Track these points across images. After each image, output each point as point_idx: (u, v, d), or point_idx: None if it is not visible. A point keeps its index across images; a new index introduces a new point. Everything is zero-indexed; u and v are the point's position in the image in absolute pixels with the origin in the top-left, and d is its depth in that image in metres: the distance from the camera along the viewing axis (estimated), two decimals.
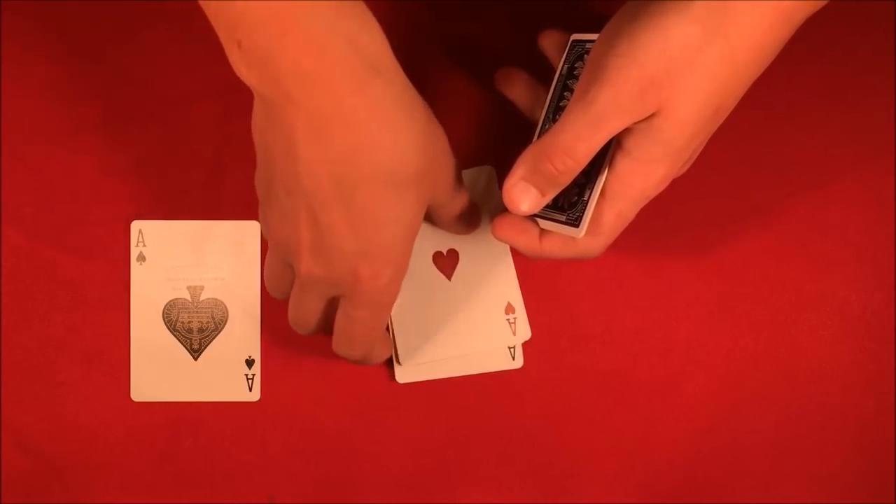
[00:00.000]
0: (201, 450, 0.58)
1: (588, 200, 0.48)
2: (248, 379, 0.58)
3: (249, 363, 0.58)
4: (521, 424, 0.58)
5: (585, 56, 0.50)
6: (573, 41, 0.51)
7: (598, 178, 0.47)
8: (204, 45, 0.56)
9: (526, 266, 0.58)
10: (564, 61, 0.51)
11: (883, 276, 0.58)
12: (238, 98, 0.46)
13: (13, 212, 0.57)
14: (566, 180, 0.47)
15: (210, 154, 0.58)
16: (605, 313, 0.58)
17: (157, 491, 0.58)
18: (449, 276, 0.57)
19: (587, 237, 0.48)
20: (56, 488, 0.58)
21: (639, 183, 0.47)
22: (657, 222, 0.56)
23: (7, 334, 0.57)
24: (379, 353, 0.55)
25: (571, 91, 0.50)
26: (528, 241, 0.50)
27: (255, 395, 0.58)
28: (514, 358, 0.58)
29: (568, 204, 0.49)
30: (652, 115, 0.44)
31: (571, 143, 0.45)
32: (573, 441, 0.58)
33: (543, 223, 0.50)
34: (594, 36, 0.48)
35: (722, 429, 0.58)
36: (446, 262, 0.57)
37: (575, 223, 0.48)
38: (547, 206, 0.49)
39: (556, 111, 0.51)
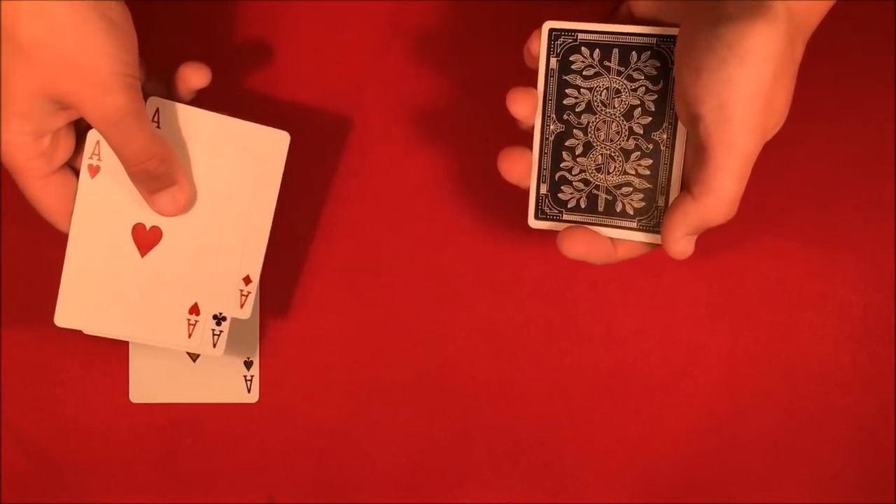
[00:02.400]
0: (201, 450, 0.58)
1: (667, 207, 0.48)
2: (246, 380, 0.58)
3: (248, 365, 0.58)
4: (521, 424, 0.58)
5: (579, 47, 0.49)
6: (552, 30, 0.50)
7: (673, 184, 0.47)
8: (204, 45, 0.56)
9: (526, 266, 0.58)
10: (550, 54, 0.50)
11: (883, 276, 0.58)
12: (238, 98, 0.46)
13: (13, 212, 0.57)
14: None
15: None
16: (605, 313, 0.58)
17: (157, 491, 0.58)
18: (143, 253, 0.51)
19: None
20: (56, 488, 0.58)
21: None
22: None
23: (7, 334, 0.57)
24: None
25: (574, 87, 0.50)
26: (604, 252, 0.49)
27: (253, 397, 0.58)
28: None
29: (634, 210, 0.48)
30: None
31: (736, 190, 0.45)
32: (573, 441, 0.58)
33: (602, 229, 0.49)
34: (576, 24, 0.48)
35: (722, 429, 0.58)
36: (146, 238, 0.51)
37: (658, 230, 0.48)
38: (603, 215, 0.49)
39: (561, 111, 0.50)
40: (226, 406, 0.58)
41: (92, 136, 0.48)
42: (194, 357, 0.58)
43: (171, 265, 0.50)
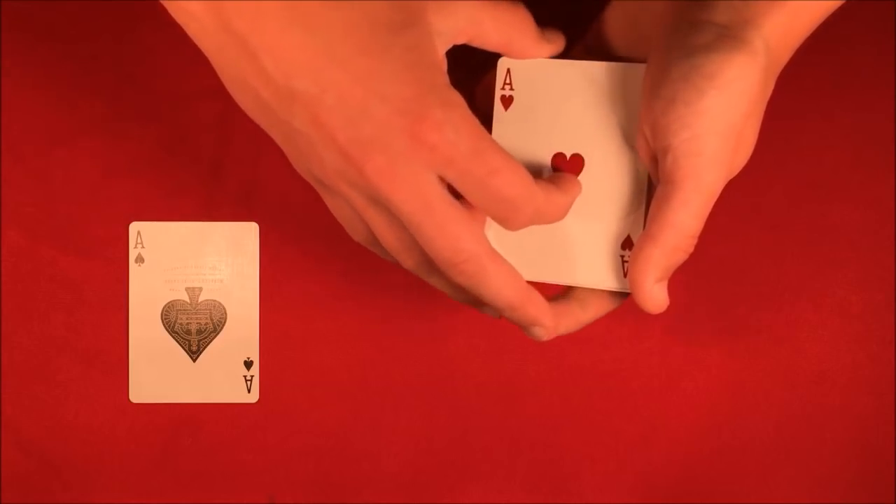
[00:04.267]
0: (201, 450, 0.58)
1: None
2: (246, 380, 0.58)
3: (248, 365, 0.58)
4: (522, 424, 0.58)
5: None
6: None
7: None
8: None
9: None
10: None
11: (883, 276, 0.58)
12: None
13: (13, 212, 0.57)
14: None
15: (209, 154, 0.58)
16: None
17: (157, 491, 0.58)
18: None
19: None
20: (56, 488, 0.58)
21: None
22: None
23: (7, 334, 0.57)
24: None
25: None
26: (576, 320, 0.49)
27: (253, 397, 0.58)
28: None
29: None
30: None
31: (697, 226, 0.43)
32: (573, 441, 0.58)
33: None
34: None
35: (722, 429, 0.58)
36: (568, 168, 0.48)
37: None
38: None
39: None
40: (226, 406, 0.58)
41: (503, 64, 0.47)
42: (194, 357, 0.58)
43: (597, 196, 0.47)
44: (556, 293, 0.48)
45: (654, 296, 0.46)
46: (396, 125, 0.40)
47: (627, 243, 0.47)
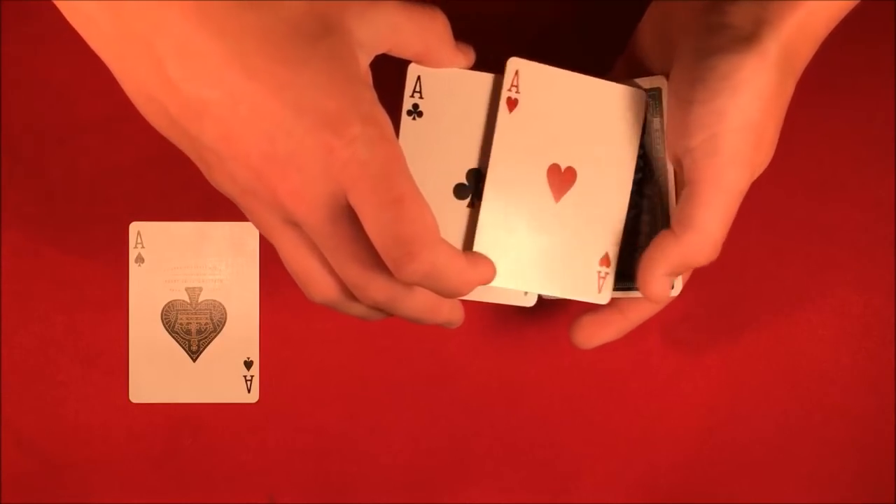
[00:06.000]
0: (201, 450, 0.58)
1: None
2: (246, 380, 0.58)
3: (248, 365, 0.58)
4: (521, 424, 0.58)
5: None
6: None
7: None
8: None
9: None
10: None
11: (883, 276, 0.58)
12: None
13: (13, 212, 0.57)
14: None
15: None
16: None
17: (156, 491, 0.58)
18: (557, 197, 0.47)
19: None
20: (56, 488, 0.58)
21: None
22: None
23: (7, 334, 0.57)
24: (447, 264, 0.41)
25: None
26: (617, 326, 0.49)
27: (253, 397, 0.58)
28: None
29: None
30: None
31: (720, 232, 0.43)
32: (573, 441, 0.58)
33: (619, 294, 0.48)
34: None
35: (722, 429, 0.58)
36: (562, 180, 0.47)
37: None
38: (619, 280, 0.48)
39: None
40: (226, 406, 0.58)
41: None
42: (194, 357, 0.58)
43: (585, 210, 0.47)
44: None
45: (657, 287, 0.45)
46: (314, 141, 0.37)
47: (605, 260, 0.47)
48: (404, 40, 0.42)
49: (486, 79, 0.46)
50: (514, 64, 0.46)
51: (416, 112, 0.46)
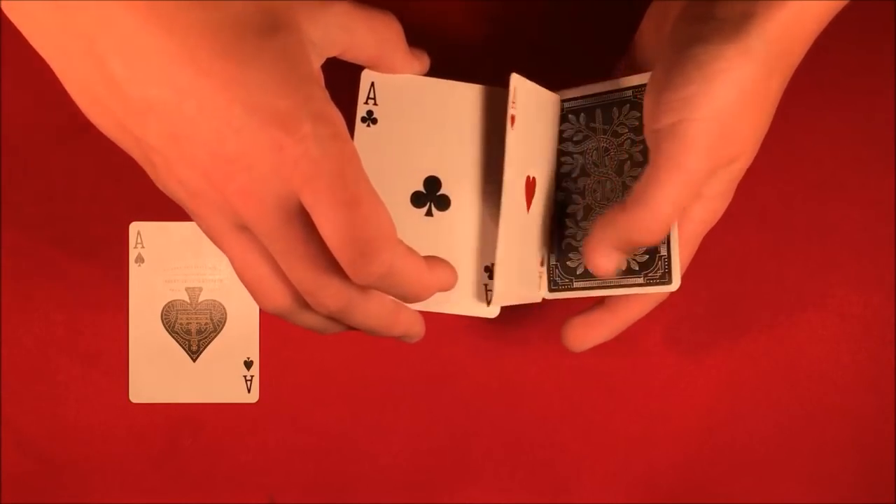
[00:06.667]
0: (201, 450, 0.58)
1: (670, 255, 0.47)
2: (246, 380, 0.58)
3: (248, 364, 0.58)
4: (521, 424, 0.58)
5: (566, 116, 0.49)
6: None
7: (672, 231, 0.47)
8: None
9: None
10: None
11: (883, 276, 0.58)
12: None
13: (13, 212, 0.57)
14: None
15: None
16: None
17: (156, 491, 0.58)
18: (528, 207, 0.48)
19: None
20: (56, 488, 0.58)
21: (708, 217, 0.47)
22: None
23: (7, 334, 0.57)
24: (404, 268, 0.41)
25: (568, 154, 0.50)
26: (609, 327, 0.49)
27: (253, 397, 0.58)
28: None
29: (638, 265, 0.48)
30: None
31: (668, 212, 0.43)
32: (573, 441, 0.58)
33: (609, 292, 0.49)
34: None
35: (722, 429, 0.58)
36: (530, 190, 0.48)
37: (665, 280, 0.47)
38: (582, 279, 0.49)
39: (559, 179, 0.49)
40: (226, 406, 0.58)
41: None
42: (194, 357, 0.58)
43: (538, 219, 0.47)
44: (589, 304, 0.49)
45: (601, 258, 0.45)
46: (263, 139, 0.36)
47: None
48: (357, 43, 0.42)
49: (441, 84, 0.46)
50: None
51: (370, 119, 0.45)
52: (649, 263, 0.48)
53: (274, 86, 0.36)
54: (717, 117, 0.41)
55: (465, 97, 0.46)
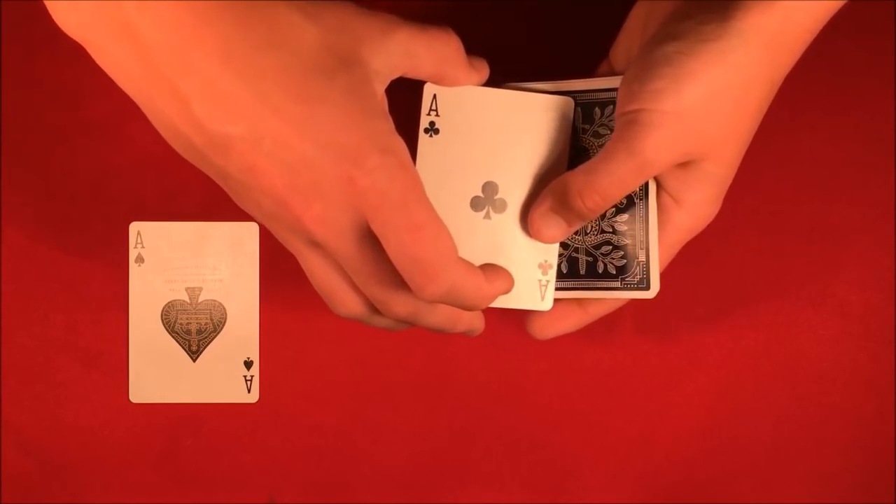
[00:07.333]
0: (201, 450, 0.58)
1: (648, 261, 0.48)
2: (246, 380, 0.58)
3: (248, 365, 0.58)
4: (521, 424, 0.58)
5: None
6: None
7: (650, 237, 0.47)
8: None
9: None
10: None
11: (883, 276, 0.58)
12: None
13: (13, 212, 0.57)
14: (594, 217, 0.46)
15: None
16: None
17: (156, 491, 0.58)
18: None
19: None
20: (56, 488, 0.58)
21: (692, 224, 0.47)
22: None
23: (7, 334, 0.57)
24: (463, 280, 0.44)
25: None
26: (575, 319, 0.50)
27: (253, 397, 0.58)
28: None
29: (616, 269, 0.48)
30: (699, 160, 0.44)
31: (610, 187, 0.44)
32: (573, 441, 0.58)
33: (586, 294, 0.50)
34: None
35: (722, 429, 0.58)
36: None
37: (643, 286, 0.48)
38: (586, 278, 0.49)
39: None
40: (226, 406, 0.58)
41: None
42: (194, 357, 0.58)
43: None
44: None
45: (544, 224, 0.47)
46: (335, 173, 0.39)
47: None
48: (419, 64, 0.44)
49: (501, 94, 0.48)
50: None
51: (433, 129, 0.48)
52: (627, 268, 0.48)
53: (341, 123, 0.39)
54: (681, 113, 0.42)
55: (522, 106, 0.48)
